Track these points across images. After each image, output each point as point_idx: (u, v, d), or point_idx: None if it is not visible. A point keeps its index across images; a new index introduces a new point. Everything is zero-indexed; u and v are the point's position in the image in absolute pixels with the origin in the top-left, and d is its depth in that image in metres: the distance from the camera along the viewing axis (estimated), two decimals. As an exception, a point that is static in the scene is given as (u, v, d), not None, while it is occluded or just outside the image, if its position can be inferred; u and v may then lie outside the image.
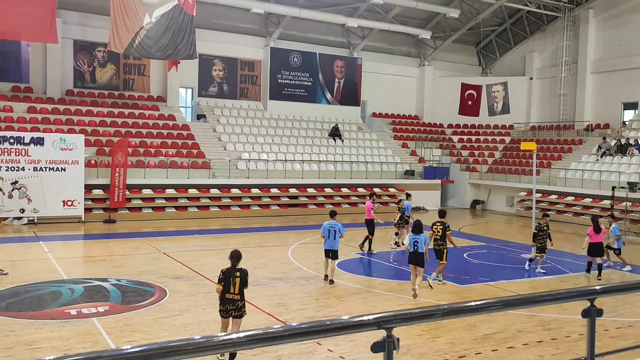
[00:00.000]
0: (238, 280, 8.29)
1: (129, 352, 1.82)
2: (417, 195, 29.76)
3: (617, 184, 23.80)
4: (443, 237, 13.26)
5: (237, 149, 27.76)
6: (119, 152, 22.60)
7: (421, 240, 12.21)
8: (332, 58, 33.19)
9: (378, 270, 15.43)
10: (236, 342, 1.96)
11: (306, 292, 12.26)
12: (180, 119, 28.45)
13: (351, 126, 33.26)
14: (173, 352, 1.89)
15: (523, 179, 29.41)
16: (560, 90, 33.28)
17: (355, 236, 20.61)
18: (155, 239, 18.63)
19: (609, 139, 29.08)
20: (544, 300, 2.67)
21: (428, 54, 36.22)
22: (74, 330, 9.31)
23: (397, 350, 2.17)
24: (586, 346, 2.71)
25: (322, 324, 2.09)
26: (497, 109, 36.03)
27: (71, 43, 26.73)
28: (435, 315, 2.35)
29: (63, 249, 16.74)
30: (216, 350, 1.97)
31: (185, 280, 12.93)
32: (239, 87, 31.26)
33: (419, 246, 12.17)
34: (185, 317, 10.24)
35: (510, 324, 10.16)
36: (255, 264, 14.94)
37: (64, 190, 21.20)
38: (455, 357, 8.43)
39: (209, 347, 1.95)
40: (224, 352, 1.87)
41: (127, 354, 1.82)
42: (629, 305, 11.75)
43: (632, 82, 30.06)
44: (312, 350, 8.55)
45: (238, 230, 21.33)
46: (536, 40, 35.50)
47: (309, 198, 27.34)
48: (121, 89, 28.09)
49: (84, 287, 11.98)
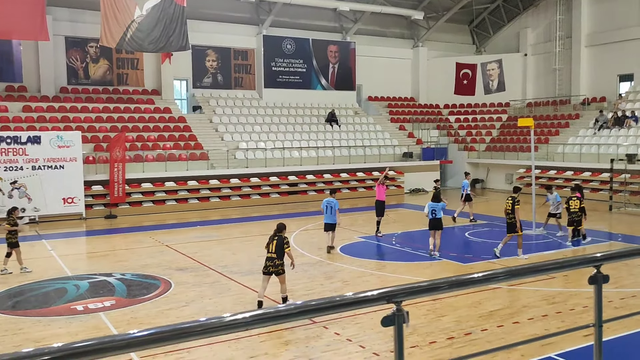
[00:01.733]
0: (275, 242, 10.18)
1: (141, 336, 1.83)
2: (416, 177, 29.86)
3: (615, 157, 23.81)
4: (513, 210, 13.78)
5: (235, 138, 27.72)
6: (116, 147, 22.57)
7: (438, 208, 13.87)
8: (326, 43, 33.03)
9: (382, 252, 15.48)
10: (247, 322, 1.97)
11: (311, 277, 12.31)
12: (176, 112, 28.38)
13: (347, 111, 33.20)
14: (184, 333, 1.89)
15: (521, 155, 29.42)
16: (555, 65, 33.17)
17: (355, 221, 20.69)
18: (157, 232, 18.66)
19: (606, 111, 29.03)
20: (549, 268, 2.68)
21: (421, 35, 36.04)
22: (82, 325, 9.36)
23: (407, 324, 2.18)
24: (594, 313, 2.72)
25: (332, 300, 2.10)
26: (493, 87, 35.94)
27: (63, 40, 26.57)
28: (441, 288, 2.36)
29: (66, 246, 16.77)
30: (225, 330, 1.99)
31: (189, 271, 12.98)
32: (233, 76, 31.14)
33: (437, 213, 13.81)
34: (192, 307, 10.29)
35: (515, 299, 10.22)
36: (258, 252, 14.98)
37: (63, 188, 21.19)
38: (462, 335, 8.49)
39: (218, 328, 1.96)
40: (237, 330, 1.87)
41: (139, 337, 1.83)
42: (633, 276, 11.82)
43: (627, 53, 29.95)
44: (319, 334, 8.61)
45: (239, 220, 21.37)
46: (529, 16, 35.32)
47: (308, 185, 27.36)
48: (115, 84, 27.97)
49: (89, 283, 12.02)
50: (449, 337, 8.43)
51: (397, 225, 19.11)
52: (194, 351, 7.90)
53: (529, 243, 16.27)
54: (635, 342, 8.14)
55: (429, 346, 8.04)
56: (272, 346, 8.15)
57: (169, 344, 1.87)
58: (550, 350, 7.59)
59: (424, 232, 18.19)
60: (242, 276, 12.44)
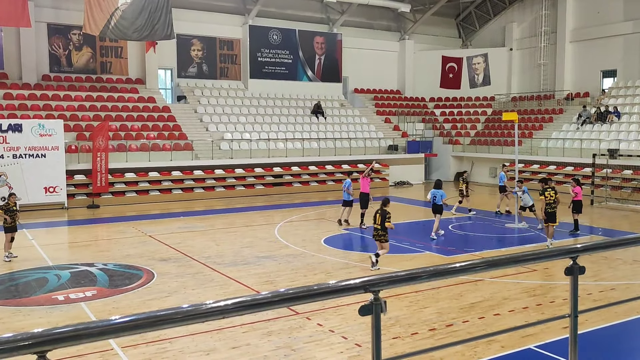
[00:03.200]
0: (379, 215, 12.22)
1: (118, 322, 1.82)
2: (402, 170, 29.97)
3: (597, 152, 24.09)
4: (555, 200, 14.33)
5: (220, 129, 27.57)
6: (99, 136, 22.34)
7: (439, 195, 15.62)
8: (312, 34, 32.92)
9: (365, 244, 15.53)
10: (225, 310, 1.96)
11: (294, 269, 12.32)
12: (160, 101, 28.14)
13: (333, 103, 33.17)
14: (162, 321, 1.88)
15: (505, 149, 29.65)
16: (540, 60, 33.41)
17: (340, 212, 20.70)
18: (140, 222, 18.55)
19: (589, 107, 29.33)
20: (527, 259, 2.71)
21: (408, 28, 36.07)
22: (62, 315, 9.29)
23: (384, 313, 2.19)
24: (570, 303, 2.76)
25: (310, 289, 2.10)
26: (478, 80, 36.10)
27: (45, 27, 26.16)
28: (421, 277, 2.37)
29: (47, 236, 16.61)
30: (204, 318, 1.98)
31: (172, 262, 12.92)
32: (218, 66, 30.92)
33: (437, 199, 15.57)
34: (174, 298, 10.26)
35: (496, 292, 10.33)
36: (242, 244, 14.99)
37: (45, 177, 20.96)
38: (443, 326, 8.56)
39: (197, 315, 1.95)
40: (215, 318, 1.85)
41: (116, 324, 1.82)
42: (611, 270, 11.99)
43: (611, 50, 30.27)
44: (302, 325, 8.63)
45: (223, 211, 21.30)
46: (515, 10, 35.49)
47: (293, 176, 27.33)
48: (98, 72, 27.64)
49: (71, 273, 11.92)
50: (430, 328, 8.49)
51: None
52: (176, 342, 7.89)
53: (512, 236, 16.44)
54: (612, 334, 8.27)
55: (410, 337, 8.10)
56: (254, 337, 8.16)
57: (144, 331, 1.86)
58: (530, 342, 7.69)
59: (407, 224, 18.35)
60: (225, 267, 12.42)
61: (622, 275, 11.85)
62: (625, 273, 12.04)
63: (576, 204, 16.12)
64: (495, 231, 16.96)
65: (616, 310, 8.68)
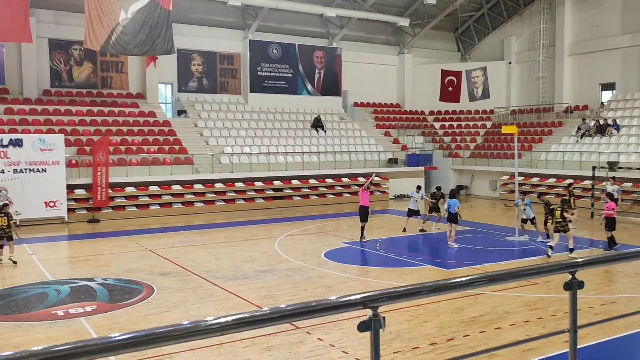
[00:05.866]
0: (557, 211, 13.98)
1: (117, 340, 1.82)
2: (401, 183, 29.97)
3: (597, 164, 24.10)
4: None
5: (220, 143, 27.63)
6: (99, 150, 22.39)
7: (452, 204, 16.19)
8: (312, 49, 33.10)
9: (366, 258, 15.51)
10: (224, 327, 1.97)
11: (294, 283, 12.29)
12: (160, 115, 28.23)
13: (333, 116, 33.26)
14: (161, 338, 1.88)
15: (505, 162, 29.67)
16: (538, 73, 33.55)
17: (340, 226, 20.71)
18: (141, 237, 18.52)
19: (588, 120, 29.40)
20: (527, 274, 2.71)
21: (407, 42, 36.27)
22: (62, 330, 9.25)
23: (383, 329, 2.19)
24: (569, 318, 2.75)
25: (309, 305, 2.10)
26: (478, 94, 36.24)
27: (46, 42, 26.33)
28: (421, 293, 2.38)
29: (47, 251, 16.58)
30: (203, 335, 1.98)
31: (172, 276, 12.89)
32: (218, 81, 31.06)
33: (451, 208, 16.14)
34: (174, 313, 10.22)
35: (497, 305, 10.29)
36: (242, 258, 14.96)
37: (45, 192, 20.96)
38: (444, 341, 8.52)
39: (196, 332, 1.95)
40: (214, 335, 1.86)
41: (115, 342, 1.82)
42: (612, 283, 11.96)
43: (609, 63, 30.41)
44: (302, 339, 8.59)
45: (223, 225, 21.29)
46: (514, 24, 35.71)
47: (293, 190, 27.33)
48: (99, 87, 27.76)
49: (70, 288, 11.89)
50: (431, 342, 8.45)
51: (382, 231, 19.15)
52: (176, 357, 7.85)
53: (512, 249, 16.41)
54: (613, 348, 8.23)
55: (411, 352, 8.06)
56: (254, 352, 8.12)
57: (144, 348, 1.86)
58: (531, 356, 7.65)
59: (408, 237, 18.33)
60: (226, 281, 12.38)
61: (624, 288, 11.81)
62: (627, 286, 12.01)
63: (609, 221, 15.40)
64: (495, 244, 16.93)
65: (617, 324, 8.65)
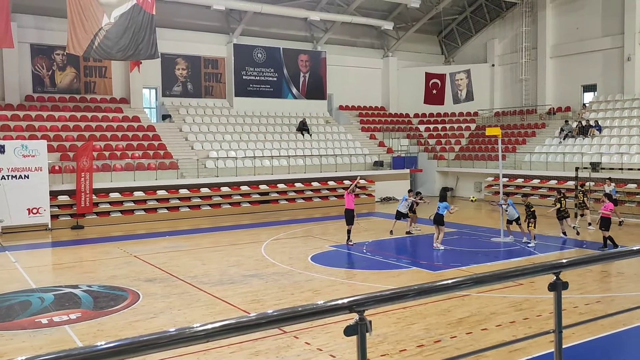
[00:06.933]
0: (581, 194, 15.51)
1: (101, 349, 1.80)
2: (387, 186, 30.07)
3: (580, 165, 24.37)
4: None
5: (205, 147, 27.52)
6: (83, 156, 22.19)
7: (442, 206, 16.27)
8: (296, 52, 33.12)
9: (352, 261, 15.52)
10: (211, 333, 1.95)
11: (281, 287, 12.26)
12: (145, 120, 28.05)
13: (318, 120, 33.29)
14: (145, 346, 1.87)
15: (489, 164, 29.90)
16: (521, 75, 33.87)
17: (327, 229, 20.72)
18: (126, 243, 18.37)
19: (571, 121, 29.73)
20: (511, 275, 2.73)
21: (391, 45, 36.44)
22: (46, 339, 9.14)
23: (369, 333, 2.19)
24: (554, 319, 2.78)
25: (295, 310, 2.10)
26: (462, 96, 36.49)
27: (28, 47, 26.06)
28: (407, 296, 2.38)
29: (30, 258, 16.38)
30: (189, 342, 1.96)
31: (158, 282, 12.80)
32: (203, 85, 30.96)
33: (440, 210, 16.21)
34: (160, 319, 10.14)
35: (483, 306, 10.34)
36: (228, 262, 14.90)
37: (28, 198, 20.71)
38: (431, 342, 8.55)
39: (181, 340, 1.93)
40: (199, 342, 1.84)
41: (99, 351, 1.80)
42: (596, 282, 12.09)
43: (590, 64, 30.81)
44: (290, 344, 8.57)
45: (209, 230, 21.18)
46: (496, 27, 36.03)
47: (279, 194, 27.29)
48: (82, 92, 27.53)
49: (54, 295, 11.75)
50: (418, 344, 8.48)
51: (368, 234, 19.19)
52: (162, 363, 7.78)
53: (498, 250, 16.52)
54: (598, 347, 8.31)
55: (399, 354, 8.08)
56: (242, 357, 8.08)
57: (128, 357, 1.84)
58: (518, 356, 7.70)
59: (395, 240, 18.38)
60: (212, 286, 12.32)
61: (607, 287, 11.95)
62: (610, 285, 12.14)
63: (604, 221, 15.64)
64: (481, 245, 17.03)
65: (602, 323, 8.74)
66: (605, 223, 15.64)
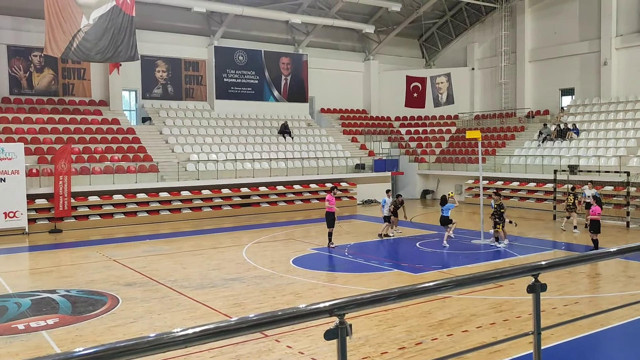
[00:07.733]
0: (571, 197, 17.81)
1: (78, 355, 1.77)
2: (369, 188, 30.15)
3: (558, 168, 24.70)
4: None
5: (185, 150, 27.34)
6: (61, 159, 21.89)
7: (445, 208, 17.30)
8: (278, 55, 33.10)
9: (333, 264, 15.52)
10: (191, 338, 1.93)
11: (263, 290, 12.21)
12: (124, 123, 27.78)
13: (300, 123, 33.28)
14: (124, 352, 1.84)
15: (470, 167, 30.16)
16: (501, 79, 34.25)
17: (308, 232, 20.72)
18: (105, 247, 18.16)
19: (549, 124, 30.13)
20: (491, 277, 2.75)
21: (372, 49, 36.60)
22: (23, 345, 8.98)
23: (350, 337, 2.18)
24: (533, 320, 2.80)
25: (275, 315, 2.08)
26: (442, 99, 36.77)
27: (5, 48, 25.68)
28: (388, 299, 2.38)
29: (7, 263, 16.10)
30: (168, 348, 1.94)
31: (137, 286, 12.66)
32: (184, 87, 30.77)
33: (444, 211, 17.25)
34: (140, 324, 10.03)
35: (463, 308, 10.41)
36: (209, 266, 14.80)
37: (4, 202, 20.38)
38: (412, 345, 8.58)
39: (160, 345, 1.91)
40: (177, 348, 1.82)
41: (76, 357, 1.76)
42: (574, 283, 12.23)
43: (568, 68, 31.27)
44: (271, 347, 8.53)
45: (190, 233, 21.03)
46: (476, 31, 36.40)
47: (261, 197, 27.20)
48: (61, 94, 27.18)
49: (31, 300, 11.56)
50: (400, 347, 8.50)
51: (350, 237, 19.21)
52: (142, 369, 7.69)
53: (478, 252, 16.64)
54: (576, 348, 8.41)
55: (380, 357, 8.09)
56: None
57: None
58: (497, 357, 7.75)
59: (377, 242, 18.42)
60: (192, 290, 12.22)
61: (585, 289, 12.10)
62: (588, 286, 12.30)
63: (594, 224, 15.93)
64: (461, 247, 17.15)
65: (580, 324, 8.85)
66: (595, 226, 15.88)
